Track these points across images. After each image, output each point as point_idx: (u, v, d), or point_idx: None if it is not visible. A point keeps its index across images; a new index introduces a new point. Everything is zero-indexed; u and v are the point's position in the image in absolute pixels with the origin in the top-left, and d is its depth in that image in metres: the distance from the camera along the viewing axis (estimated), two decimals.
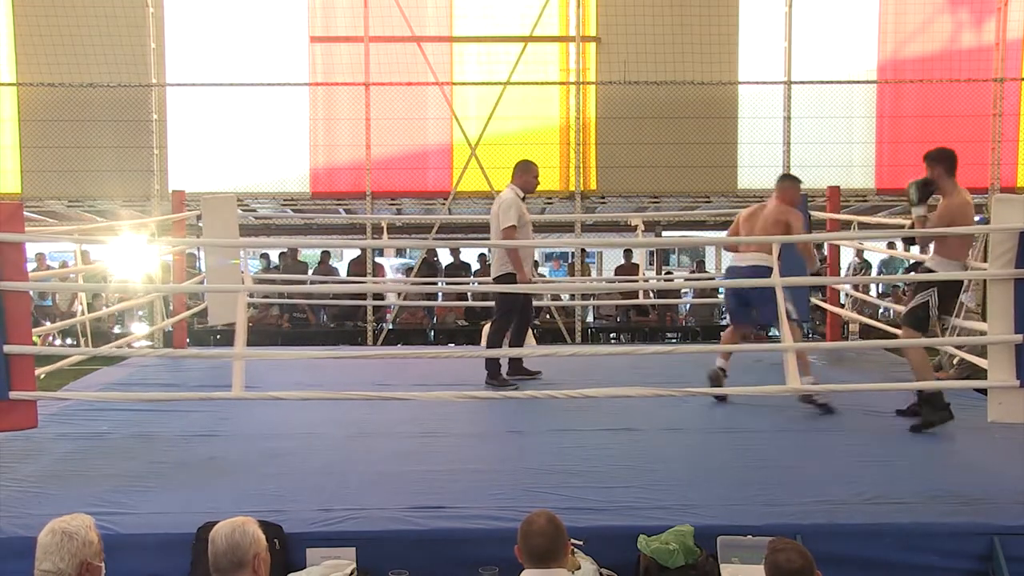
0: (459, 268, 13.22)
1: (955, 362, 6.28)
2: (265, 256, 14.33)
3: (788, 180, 6.04)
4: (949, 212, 4.99)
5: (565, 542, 2.74)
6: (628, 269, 12.62)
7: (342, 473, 4.34)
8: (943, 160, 5.08)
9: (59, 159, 11.03)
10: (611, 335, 13.19)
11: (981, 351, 5.33)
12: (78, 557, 2.53)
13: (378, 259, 13.86)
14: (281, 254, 13.37)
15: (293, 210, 12.02)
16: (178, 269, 7.91)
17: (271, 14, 11.47)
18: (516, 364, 6.58)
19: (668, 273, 15.06)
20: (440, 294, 12.56)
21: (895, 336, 7.28)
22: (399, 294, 11.95)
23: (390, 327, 11.75)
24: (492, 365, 6.28)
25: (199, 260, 12.70)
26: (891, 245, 12.77)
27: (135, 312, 11.98)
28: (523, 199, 6.47)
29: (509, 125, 11.47)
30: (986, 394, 4.27)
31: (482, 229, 13.65)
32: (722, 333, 6.55)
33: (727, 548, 3.41)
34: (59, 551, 2.51)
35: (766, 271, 5.46)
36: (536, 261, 15.27)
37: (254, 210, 12.33)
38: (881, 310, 13.21)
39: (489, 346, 6.34)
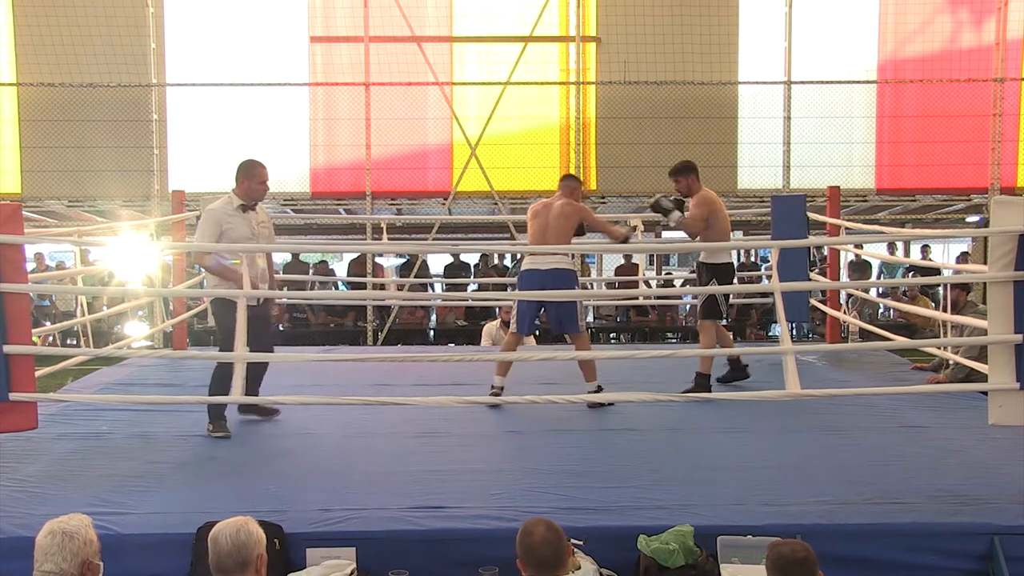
0: (459, 268, 13.22)
1: (950, 363, 6.27)
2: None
3: (574, 179, 6.16)
4: (705, 203, 5.93)
5: (567, 547, 2.75)
6: (628, 269, 12.63)
7: (342, 473, 4.35)
8: (692, 169, 6.08)
9: (59, 159, 11.02)
10: (611, 335, 13.19)
11: (977, 354, 5.35)
12: (80, 556, 2.53)
13: (378, 259, 13.85)
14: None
15: (293, 210, 12.01)
16: (178, 270, 7.91)
17: (271, 14, 11.46)
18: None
19: (668, 274, 15.07)
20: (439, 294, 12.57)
21: (892, 336, 7.31)
22: (399, 288, 11.97)
23: (390, 327, 11.75)
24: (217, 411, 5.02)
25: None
26: (891, 247, 12.79)
27: (135, 312, 11.98)
28: (247, 209, 5.16)
29: (509, 125, 11.48)
30: (987, 395, 4.27)
31: (483, 229, 13.71)
32: (505, 342, 6.05)
33: (727, 548, 3.41)
34: (61, 551, 2.51)
35: (567, 274, 5.63)
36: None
37: None
38: (881, 310, 13.22)
39: (216, 392, 4.97)
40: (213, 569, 2.58)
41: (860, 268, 12.38)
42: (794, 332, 11.44)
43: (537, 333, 9.85)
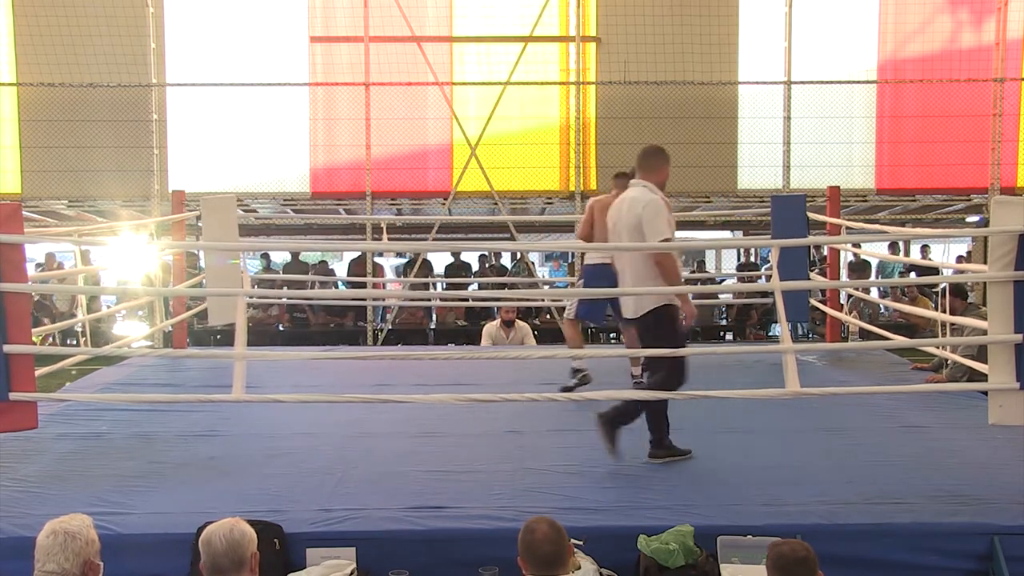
0: (459, 268, 13.22)
1: (948, 363, 6.27)
2: (266, 256, 14.34)
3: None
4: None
5: (568, 546, 2.76)
6: None
7: (342, 473, 4.35)
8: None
9: (59, 159, 11.02)
10: (611, 335, 13.18)
11: (976, 354, 5.35)
12: (82, 556, 2.54)
13: (377, 259, 13.86)
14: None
15: (293, 210, 12.02)
16: (178, 269, 7.90)
17: (271, 14, 11.45)
18: None
19: None
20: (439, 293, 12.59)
21: (892, 336, 7.31)
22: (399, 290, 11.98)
23: (390, 327, 11.75)
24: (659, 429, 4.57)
25: (199, 260, 12.70)
26: (892, 247, 12.78)
27: (135, 312, 11.99)
28: None
29: (509, 125, 11.47)
30: (987, 395, 4.27)
31: (483, 229, 13.71)
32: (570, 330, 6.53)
33: (727, 548, 3.42)
34: (63, 551, 2.51)
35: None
36: (532, 262, 15.24)
37: (254, 210, 12.31)
38: (881, 310, 13.22)
39: (655, 417, 4.56)
40: (209, 570, 2.58)
41: (860, 268, 12.37)
42: (794, 332, 11.43)
43: (536, 333, 9.86)
